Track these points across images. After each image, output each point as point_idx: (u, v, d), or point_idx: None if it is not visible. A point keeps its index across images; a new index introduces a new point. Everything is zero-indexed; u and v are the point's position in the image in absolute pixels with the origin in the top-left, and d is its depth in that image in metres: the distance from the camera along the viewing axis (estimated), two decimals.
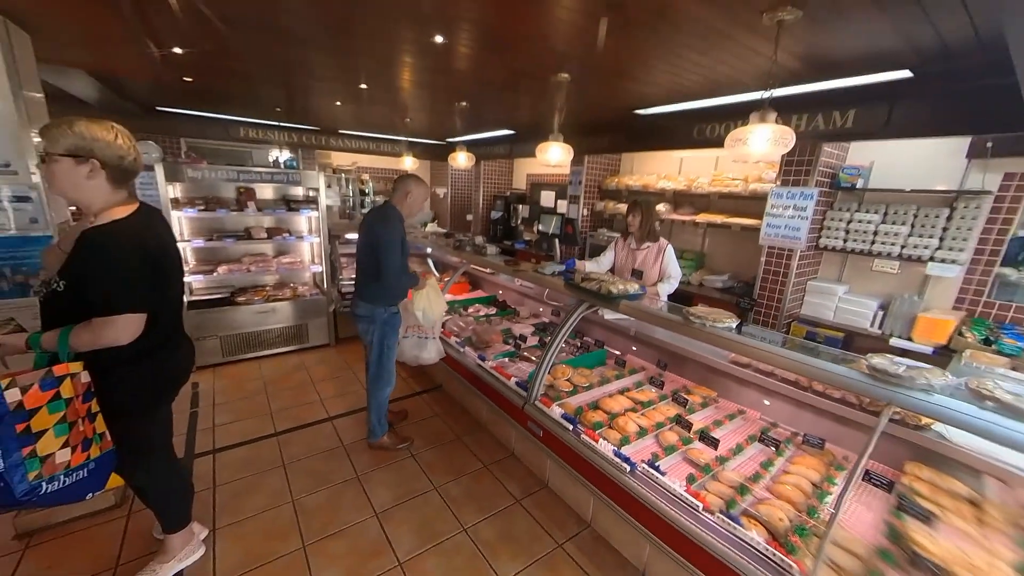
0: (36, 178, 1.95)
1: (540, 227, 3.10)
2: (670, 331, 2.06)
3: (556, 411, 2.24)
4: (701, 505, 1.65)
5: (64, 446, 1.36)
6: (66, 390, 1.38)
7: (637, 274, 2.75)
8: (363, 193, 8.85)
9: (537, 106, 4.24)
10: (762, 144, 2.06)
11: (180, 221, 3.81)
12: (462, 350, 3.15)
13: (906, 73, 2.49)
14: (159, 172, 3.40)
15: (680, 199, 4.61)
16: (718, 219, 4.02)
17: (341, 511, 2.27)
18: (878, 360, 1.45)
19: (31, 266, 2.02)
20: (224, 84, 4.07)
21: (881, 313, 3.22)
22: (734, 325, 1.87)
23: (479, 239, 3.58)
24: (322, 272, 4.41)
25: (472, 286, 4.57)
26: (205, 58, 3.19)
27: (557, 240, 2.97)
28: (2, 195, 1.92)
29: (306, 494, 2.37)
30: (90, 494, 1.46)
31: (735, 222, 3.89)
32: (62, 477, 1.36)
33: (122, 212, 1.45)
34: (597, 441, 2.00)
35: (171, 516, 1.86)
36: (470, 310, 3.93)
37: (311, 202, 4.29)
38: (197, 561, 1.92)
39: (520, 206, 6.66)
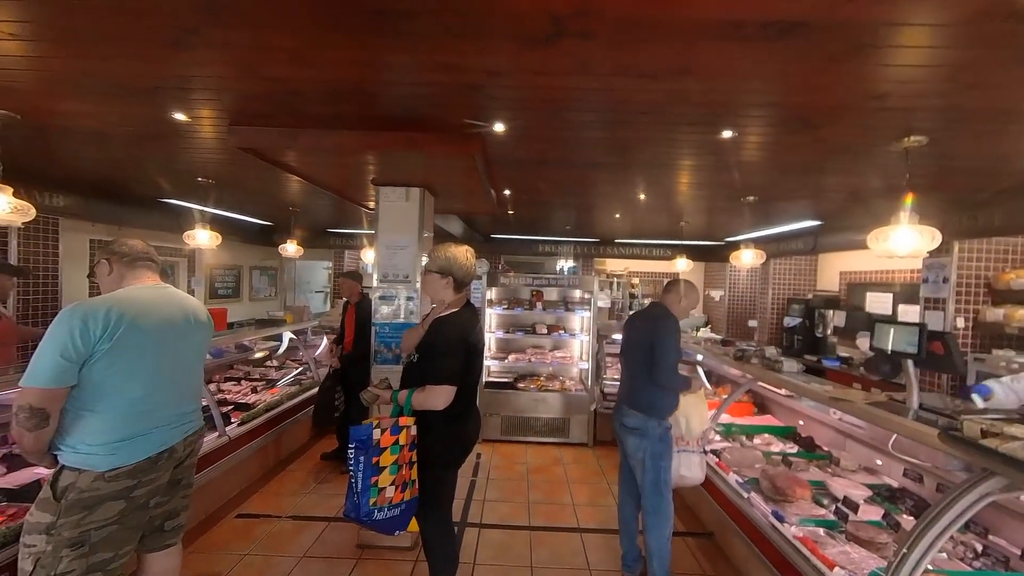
0: (418, 285, 2.93)
1: (872, 341, 2.19)
2: None
3: None
4: None
5: (392, 484, 1.73)
6: (402, 437, 1.77)
7: None
8: (632, 296, 9.15)
9: (861, 185, 3.36)
10: None
11: (491, 316, 4.87)
12: (746, 495, 2.41)
13: None
14: (483, 281, 4.56)
15: None
16: None
17: None
18: None
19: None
20: (532, 213, 5.26)
21: None
22: None
23: (771, 350, 2.88)
24: (588, 369, 4.57)
25: (759, 409, 3.66)
26: (523, 195, 4.22)
27: (911, 363, 1.99)
28: (402, 295, 2.99)
29: None
30: (398, 531, 1.79)
31: None
32: (386, 510, 1.72)
33: (457, 307, 1.93)
34: None
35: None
36: (756, 440, 3.09)
37: (585, 303, 4.69)
38: None
39: (831, 312, 5.17)
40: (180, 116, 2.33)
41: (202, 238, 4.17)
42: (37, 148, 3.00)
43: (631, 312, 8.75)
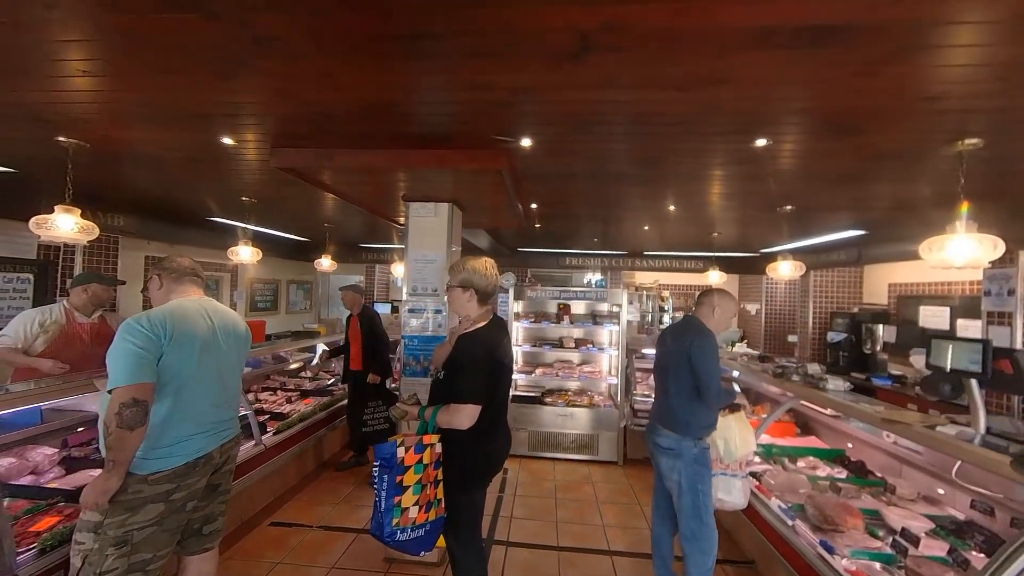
0: (445, 298, 2.97)
1: (929, 359, 2.03)
2: None
3: None
4: None
5: (415, 504, 1.71)
6: (426, 456, 1.76)
7: None
8: (662, 309, 8.92)
9: (910, 193, 3.17)
10: None
11: (518, 330, 4.86)
12: (790, 522, 2.25)
13: None
14: (511, 294, 4.56)
15: None
16: None
17: None
18: None
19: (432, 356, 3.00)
20: (559, 226, 5.25)
21: None
22: None
23: (814, 367, 2.72)
24: (617, 385, 4.46)
25: (801, 430, 3.44)
26: (549, 208, 4.22)
27: (976, 383, 1.83)
28: (430, 308, 3.03)
29: None
30: (422, 552, 1.76)
31: None
32: (409, 531, 1.69)
33: (482, 322, 1.91)
34: None
35: None
36: (799, 464, 2.90)
37: (614, 317, 4.60)
38: None
39: (880, 327, 4.85)
40: (228, 140, 2.49)
41: (244, 254, 4.40)
42: (101, 173, 3.26)
43: (662, 327, 8.54)
